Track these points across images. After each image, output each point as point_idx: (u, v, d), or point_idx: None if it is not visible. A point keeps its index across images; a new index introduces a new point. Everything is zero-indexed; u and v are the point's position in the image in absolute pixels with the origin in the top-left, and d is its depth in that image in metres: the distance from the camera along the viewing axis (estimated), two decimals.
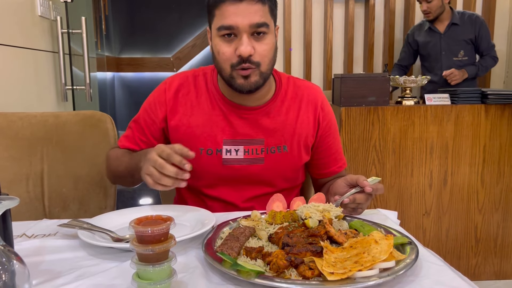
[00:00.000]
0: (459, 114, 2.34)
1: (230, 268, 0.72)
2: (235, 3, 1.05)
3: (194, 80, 1.26)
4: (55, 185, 1.53)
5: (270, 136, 1.22)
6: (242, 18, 1.05)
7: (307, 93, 1.28)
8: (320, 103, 1.28)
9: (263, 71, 1.12)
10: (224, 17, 1.07)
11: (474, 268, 2.47)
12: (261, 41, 1.09)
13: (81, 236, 0.88)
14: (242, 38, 1.07)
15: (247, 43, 1.07)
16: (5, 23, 1.85)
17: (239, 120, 1.22)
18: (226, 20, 1.07)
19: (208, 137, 1.21)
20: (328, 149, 1.30)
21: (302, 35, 3.71)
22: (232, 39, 1.09)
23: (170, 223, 0.68)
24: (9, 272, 0.61)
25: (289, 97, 1.26)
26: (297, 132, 1.24)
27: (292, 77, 1.31)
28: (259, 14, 1.06)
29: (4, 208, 0.60)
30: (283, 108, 1.24)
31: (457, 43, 3.19)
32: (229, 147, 1.21)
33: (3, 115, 1.55)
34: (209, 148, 1.21)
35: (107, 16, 4.26)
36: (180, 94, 1.24)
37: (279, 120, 1.23)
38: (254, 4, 1.06)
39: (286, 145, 1.23)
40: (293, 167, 1.26)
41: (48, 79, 2.29)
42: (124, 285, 0.72)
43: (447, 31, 3.21)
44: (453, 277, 0.75)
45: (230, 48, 1.09)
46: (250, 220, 0.97)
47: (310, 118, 1.26)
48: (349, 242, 0.80)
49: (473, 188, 2.40)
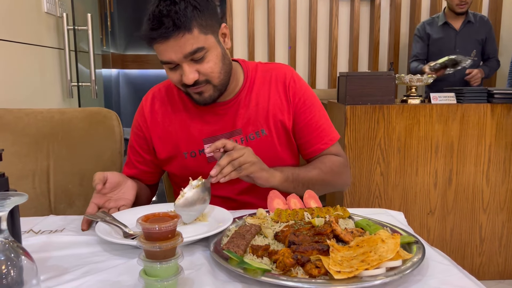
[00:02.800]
0: (465, 113, 2.33)
1: (237, 266, 0.72)
2: (163, 42, 1.05)
3: (166, 90, 1.31)
4: (61, 181, 1.54)
5: (247, 124, 1.24)
6: (174, 53, 1.06)
7: (275, 74, 1.29)
8: (289, 80, 1.28)
9: (216, 84, 1.14)
10: (159, 54, 1.09)
11: (479, 267, 2.47)
12: (202, 63, 1.10)
13: (97, 230, 0.88)
14: (183, 67, 1.09)
15: (189, 72, 1.08)
16: (11, 19, 1.85)
17: (214, 117, 1.25)
18: (162, 57, 1.09)
19: (188, 140, 1.26)
20: (308, 126, 1.28)
21: (307, 32, 3.70)
22: (175, 67, 1.11)
23: (177, 220, 0.68)
24: (18, 267, 0.61)
25: (258, 82, 1.27)
26: (271, 113, 1.25)
27: (260, 63, 1.33)
28: (189, 43, 1.05)
29: (13, 204, 0.60)
30: (253, 95, 1.26)
31: (471, 42, 3.15)
32: (210, 145, 1.23)
33: (9, 111, 1.55)
34: (192, 151, 1.26)
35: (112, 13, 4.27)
36: (156, 107, 1.29)
37: (252, 106, 1.25)
38: (181, 37, 1.04)
39: (264, 129, 1.25)
40: (276, 149, 1.27)
41: (53, 75, 2.30)
42: (131, 281, 0.73)
43: (462, 29, 3.15)
44: (460, 277, 0.75)
45: (176, 74, 1.12)
46: (255, 218, 0.97)
47: (281, 96, 1.27)
48: (356, 241, 0.80)
49: (478, 188, 2.39)
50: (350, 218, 0.99)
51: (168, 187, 1.61)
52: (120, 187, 1.13)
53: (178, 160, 1.28)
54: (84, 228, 0.98)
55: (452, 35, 3.18)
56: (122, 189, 1.13)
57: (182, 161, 1.27)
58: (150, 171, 1.34)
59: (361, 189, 2.36)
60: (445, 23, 3.18)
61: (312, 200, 1.06)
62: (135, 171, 1.33)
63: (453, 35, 3.17)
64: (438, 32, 3.21)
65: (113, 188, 1.11)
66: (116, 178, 1.11)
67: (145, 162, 1.32)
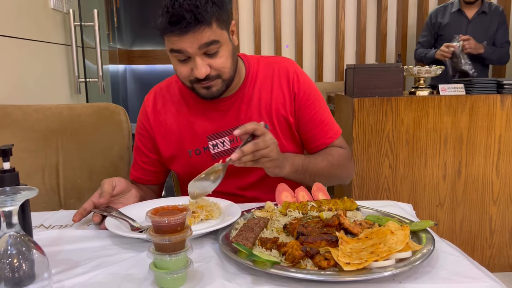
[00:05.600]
0: (474, 104, 2.30)
1: (246, 258, 0.72)
2: (180, 36, 1.04)
3: (168, 89, 1.30)
4: (70, 176, 1.55)
5: (249, 119, 1.24)
6: (190, 44, 1.05)
7: (278, 68, 1.27)
8: (293, 74, 1.26)
9: (225, 78, 1.14)
10: (172, 43, 1.06)
11: (489, 259, 2.45)
12: (215, 57, 1.09)
13: (107, 224, 0.89)
14: (195, 60, 1.07)
15: (202, 65, 1.07)
16: (18, 16, 1.86)
17: (217, 113, 1.24)
18: (174, 46, 1.06)
19: (192, 138, 1.25)
20: (312, 121, 1.27)
21: (313, 25, 3.68)
22: (186, 60, 1.09)
23: (186, 213, 0.68)
24: (29, 261, 0.62)
25: (261, 76, 1.26)
26: (273, 108, 1.24)
27: (262, 57, 1.31)
28: (207, 35, 1.05)
29: (23, 198, 0.61)
30: (256, 89, 1.25)
31: (482, 32, 3.07)
32: (214, 142, 1.24)
33: (18, 107, 1.57)
34: (197, 148, 1.25)
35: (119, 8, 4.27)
36: (158, 106, 1.28)
37: (254, 101, 1.24)
38: (201, 31, 1.03)
39: (267, 124, 1.25)
40: (280, 143, 1.25)
41: (61, 71, 2.31)
42: (141, 274, 0.73)
43: (475, 18, 3.09)
44: (470, 268, 0.75)
45: (186, 68, 1.10)
46: (264, 211, 0.97)
47: (284, 91, 1.25)
48: (365, 233, 0.80)
49: (488, 179, 2.37)
50: (358, 210, 0.98)
51: (177, 183, 1.61)
52: (123, 193, 1.11)
53: (183, 158, 1.27)
54: (75, 220, 0.97)
55: (463, 23, 3.10)
56: (125, 195, 1.11)
57: (186, 159, 1.27)
58: (156, 171, 1.34)
59: (370, 182, 2.35)
60: (458, 10, 3.10)
61: (321, 192, 1.06)
62: (142, 172, 1.33)
63: (465, 23, 3.10)
64: (450, 18, 3.12)
65: (117, 194, 1.09)
66: (123, 185, 1.09)
67: (151, 162, 1.32)
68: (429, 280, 0.70)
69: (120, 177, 1.10)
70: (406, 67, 2.47)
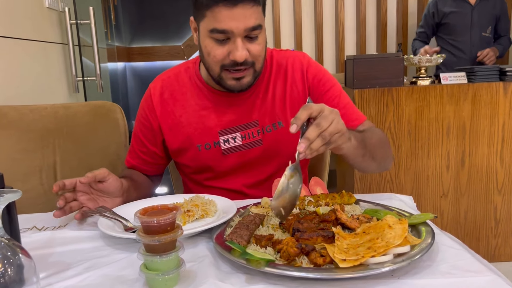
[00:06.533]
0: (477, 93, 2.27)
1: (239, 257, 0.71)
2: (230, 8, 0.99)
3: (177, 78, 1.24)
4: (68, 176, 1.51)
5: (263, 115, 1.20)
6: (237, 23, 1.00)
7: (291, 62, 1.23)
8: (306, 67, 1.22)
9: (257, 69, 1.11)
10: (217, 20, 1.01)
11: (494, 249, 2.42)
12: (254, 42, 1.06)
13: (99, 225, 0.87)
14: (236, 42, 1.03)
15: (242, 48, 1.03)
16: (13, 16, 1.84)
17: (229, 108, 1.20)
18: (220, 24, 1.01)
19: (202, 132, 1.20)
20: (333, 107, 1.18)
21: (312, 17, 3.64)
22: (224, 41, 1.04)
23: (176, 212, 0.67)
24: (15, 265, 0.60)
25: (274, 71, 1.22)
26: (288, 104, 1.21)
27: (275, 50, 1.27)
28: (254, 17, 1.01)
29: (6, 201, 0.59)
30: (270, 85, 1.21)
31: (487, 18, 3.03)
32: (226, 137, 1.20)
33: (13, 108, 1.55)
34: (207, 143, 1.20)
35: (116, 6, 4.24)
36: (166, 96, 1.23)
37: (268, 97, 1.20)
38: (250, 8, 1.00)
39: (281, 121, 1.20)
40: (293, 140, 1.17)
41: (58, 71, 2.29)
42: (133, 275, 0.72)
43: (478, 3, 3.03)
44: (471, 261, 0.72)
45: (222, 50, 1.05)
46: (260, 208, 0.95)
47: (299, 86, 1.22)
48: (362, 228, 0.78)
49: (492, 168, 2.33)
50: (356, 204, 0.96)
51: (176, 179, 1.59)
52: (106, 187, 1.04)
53: (191, 152, 1.22)
54: (56, 215, 0.96)
55: (467, 10, 3.05)
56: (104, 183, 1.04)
57: (195, 153, 1.22)
58: (153, 162, 1.30)
59: (372, 174, 2.32)
60: None
61: (319, 187, 1.04)
62: (138, 161, 1.29)
63: (469, 10, 3.05)
64: (452, 6, 3.07)
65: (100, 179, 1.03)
66: (104, 172, 1.03)
67: (149, 153, 1.28)
68: (428, 275, 0.68)
69: (103, 168, 1.05)
70: (407, 56, 2.43)
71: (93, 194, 1.04)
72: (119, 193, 1.08)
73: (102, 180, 1.04)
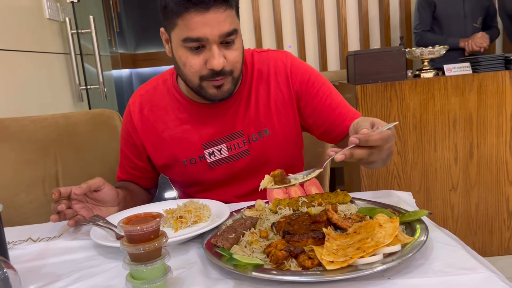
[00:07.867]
0: (482, 83, 2.22)
1: (227, 263, 0.70)
2: (202, 13, 0.94)
3: (155, 92, 1.20)
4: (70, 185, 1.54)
5: (248, 124, 1.15)
6: (211, 29, 0.96)
7: (273, 64, 1.17)
8: (290, 69, 1.16)
9: (236, 76, 1.06)
10: (189, 28, 0.96)
11: (508, 241, 2.37)
12: (231, 48, 1.01)
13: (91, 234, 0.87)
14: (212, 50, 0.98)
15: (219, 55, 0.98)
16: (14, 29, 1.87)
17: (211, 120, 1.15)
18: (193, 32, 0.96)
19: (186, 147, 1.16)
20: (326, 108, 1.15)
21: (314, 14, 3.61)
22: (199, 49, 1.00)
23: (159, 220, 0.66)
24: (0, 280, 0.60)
25: (256, 75, 1.16)
26: (273, 110, 1.15)
27: (256, 51, 1.20)
28: (228, 21, 0.97)
29: None
30: (252, 91, 1.15)
31: (478, 8, 3.03)
32: (211, 150, 1.16)
33: (15, 119, 1.57)
34: (192, 158, 1.17)
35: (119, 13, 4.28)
36: (146, 112, 1.18)
37: (252, 105, 1.15)
38: (223, 12, 0.96)
39: (267, 128, 1.15)
40: (281, 147, 1.18)
41: (62, 80, 2.32)
42: (122, 285, 0.71)
43: None
44: (466, 258, 0.70)
45: (198, 59, 1.00)
46: (254, 210, 0.94)
47: (283, 89, 1.15)
48: (353, 227, 0.76)
49: (501, 159, 2.29)
50: (352, 202, 0.95)
51: None
52: (101, 196, 1.05)
53: (177, 168, 1.19)
54: (53, 219, 0.97)
55: (459, 1, 3.04)
56: (99, 192, 1.04)
57: (181, 169, 1.18)
58: (144, 177, 1.28)
59: (379, 170, 2.29)
60: None
61: (313, 186, 1.02)
62: (128, 176, 1.27)
63: (461, 0, 3.04)
64: None
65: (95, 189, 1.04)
66: (99, 181, 1.04)
67: (137, 168, 1.25)
68: (420, 274, 0.66)
69: (98, 177, 1.05)
70: (409, 49, 2.40)
71: (88, 203, 1.04)
72: (114, 202, 1.08)
73: (97, 189, 1.04)
